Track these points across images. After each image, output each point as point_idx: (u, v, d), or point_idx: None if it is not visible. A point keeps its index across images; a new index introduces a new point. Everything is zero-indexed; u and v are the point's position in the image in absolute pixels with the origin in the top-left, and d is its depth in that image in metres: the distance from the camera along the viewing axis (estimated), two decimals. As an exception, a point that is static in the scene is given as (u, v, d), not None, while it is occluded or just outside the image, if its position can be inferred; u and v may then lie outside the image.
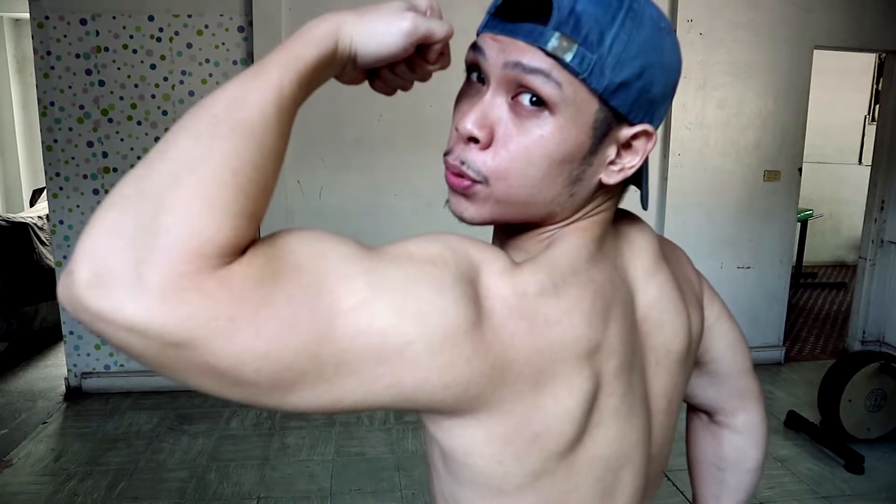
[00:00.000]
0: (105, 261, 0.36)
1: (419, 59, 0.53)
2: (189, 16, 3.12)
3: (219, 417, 3.08)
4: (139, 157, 3.19)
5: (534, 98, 0.51)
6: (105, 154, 3.19)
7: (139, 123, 3.18)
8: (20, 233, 3.93)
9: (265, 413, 3.13)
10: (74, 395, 3.31)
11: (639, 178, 0.59)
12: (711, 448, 0.87)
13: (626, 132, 0.54)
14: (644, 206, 0.62)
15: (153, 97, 3.17)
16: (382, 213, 3.38)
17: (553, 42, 0.49)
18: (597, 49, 0.49)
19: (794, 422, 3.01)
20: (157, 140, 3.08)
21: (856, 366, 2.79)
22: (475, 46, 0.54)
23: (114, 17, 3.09)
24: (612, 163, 0.55)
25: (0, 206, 5.71)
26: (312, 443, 2.85)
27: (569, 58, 0.49)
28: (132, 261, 0.36)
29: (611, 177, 0.55)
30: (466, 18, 1.50)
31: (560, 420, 0.52)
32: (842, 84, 5.93)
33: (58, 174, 3.18)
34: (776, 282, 3.79)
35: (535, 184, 0.53)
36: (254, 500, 2.42)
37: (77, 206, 3.22)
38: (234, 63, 3.17)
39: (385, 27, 0.48)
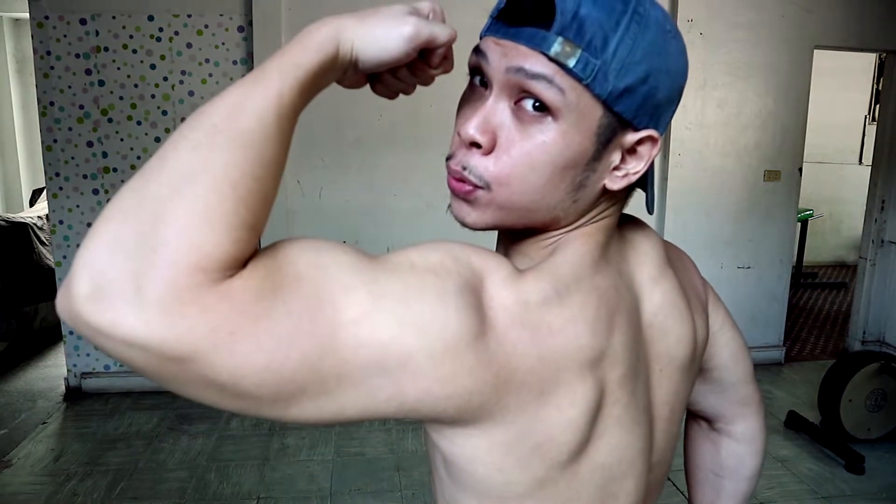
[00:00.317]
0: (104, 273, 0.36)
1: (422, 64, 0.53)
2: (189, 16, 3.12)
3: (219, 418, 3.08)
4: (139, 158, 3.19)
5: (536, 103, 0.50)
6: (105, 154, 3.19)
7: (139, 123, 3.18)
8: (20, 233, 3.93)
9: (265, 413, 3.13)
10: (74, 395, 3.31)
11: (643, 183, 0.59)
12: (710, 455, 0.87)
13: (631, 137, 0.53)
14: (650, 211, 0.61)
15: (153, 97, 3.17)
16: (382, 213, 3.38)
17: (556, 47, 0.48)
18: (600, 54, 0.48)
19: (795, 422, 3.01)
20: (158, 140, 3.08)
21: (856, 366, 2.79)
22: (478, 50, 0.53)
23: (114, 17, 3.08)
24: (617, 168, 0.54)
25: (0, 206, 5.71)
26: (312, 443, 2.85)
27: (572, 63, 0.48)
28: (132, 274, 0.36)
29: (615, 182, 0.55)
30: (469, 20, 1.50)
31: (563, 429, 0.51)
32: (842, 84, 5.92)
33: (57, 174, 3.18)
34: (776, 282, 3.79)
35: (538, 190, 0.52)
36: (254, 501, 2.42)
37: (77, 206, 3.22)
38: (234, 63, 3.17)
39: (386, 32, 0.48)
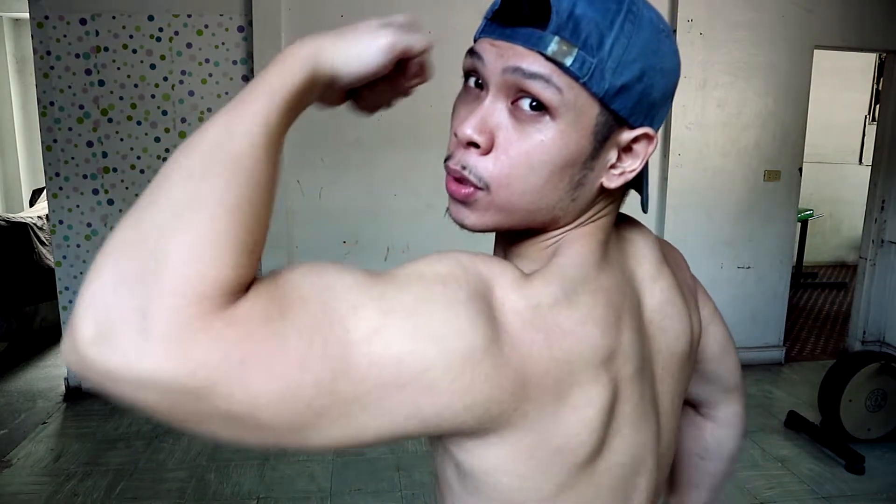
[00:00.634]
0: (108, 312, 0.35)
1: (399, 76, 0.54)
2: (189, 16, 3.12)
3: (219, 417, 3.07)
4: (139, 158, 3.19)
5: (534, 103, 0.50)
6: (105, 154, 3.19)
7: (139, 123, 3.18)
8: (20, 233, 3.93)
9: (265, 413, 3.13)
10: (74, 395, 3.31)
11: (639, 182, 0.59)
12: (695, 439, 0.90)
13: (627, 136, 0.53)
14: (644, 210, 0.62)
15: (153, 97, 3.17)
16: (382, 213, 3.38)
17: (553, 46, 0.48)
18: (596, 53, 0.49)
19: (795, 422, 3.01)
20: (157, 140, 3.07)
21: (856, 366, 2.79)
22: (473, 52, 0.53)
23: (113, 17, 3.08)
24: (613, 167, 0.55)
25: (0, 206, 5.71)
26: (312, 443, 2.85)
27: (569, 62, 0.48)
28: (136, 309, 0.35)
29: (612, 181, 0.55)
30: (462, 22, 1.50)
31: (581, 430, 0.51)
32: (842, 84, 5.92)
33: (57, 174, 3.18)
34: (776, 282, 3.79)
35: (537, 190, 0.52)
36: (253, 501, 2.42)
37: (77, 206, 3.22)
38: (234, 63, 3.17)
39: (364, 45, 0.49)
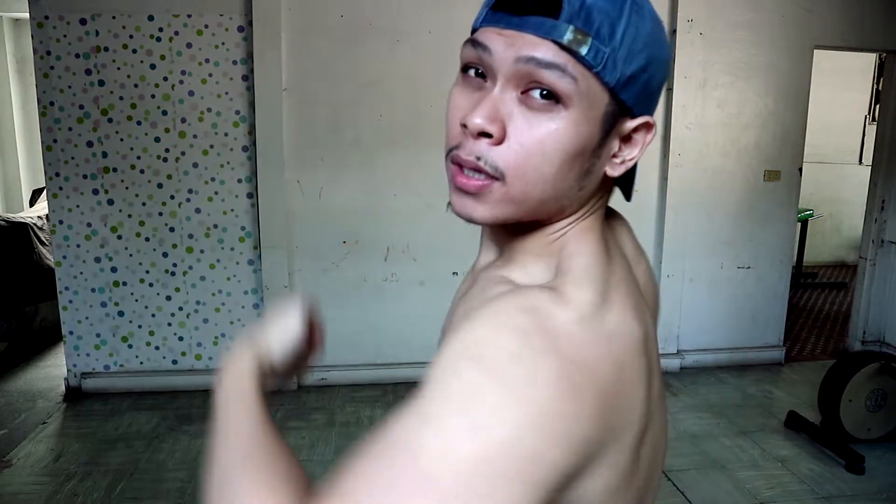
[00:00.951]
0: None
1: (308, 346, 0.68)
2: (189, 16, 3.12)
3: (219, 417, 3.07)
4: (139, 157, 3.19)
5: (545, 92, 0.50)
6: (105, 154, 3.19)
7: (139, 123, 3.18)
8: (20, 233, 3.93)
9: (265, 413, 3.13)
10: (74, 396, 3.31)
11: (624, 176, 0.60)
12: None
13: (629, 125, 0.54)
14: (628, 199, 0.63)
15: (153, 97, 3.17)
16: (382, 213, 3.38)
17: (568, 35, 0.48)
18: (609, 42, 0.49)
19: (795, 422, 3.01)
20: (157, 140, 3.07)
21: (856, 366, 2.79)
22: (476, 43, 0.52)
23: (113, 17, 3.08)
24: (615, 155, 0.55)
25: (0, 206, 5.71)
26: (312, 443, 2.85)
27: (584, 51, 0.48)
28: None
29: (615, 169, 0.55)
30: (462, 20, 1.50)
31: (636, 412, 0.51)
32: (842, 84, 5.92)
33: (57, 174, 3.18)
34: (776, 282, 3.79)
35: (550, 179, 0.52)
36: (254, 501, 2.42)
37: (77, 206, 3.22)
38: (234, 63, 3.17)
39: (284, 323, 0.65)
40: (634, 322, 0.52)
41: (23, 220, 4.02)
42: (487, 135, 0.50)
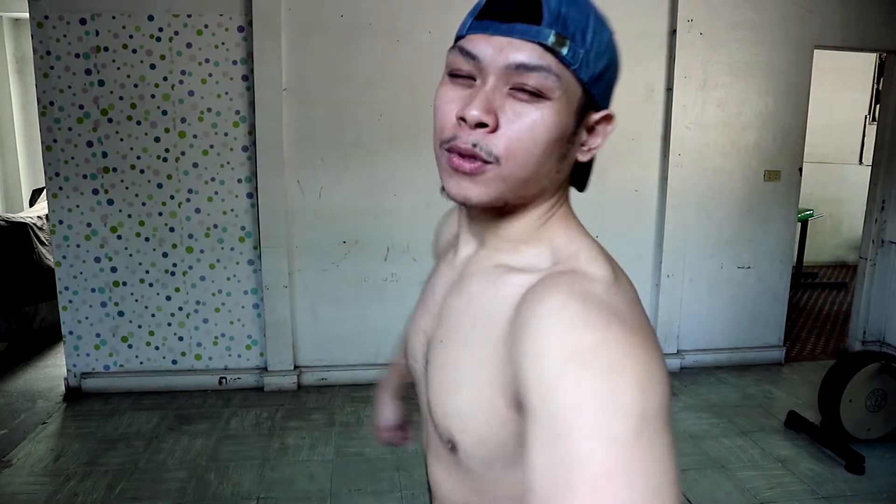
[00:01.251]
0: None
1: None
2: (189, 16, 3.12)
3: (218, 418, 3.08)
4: (139, 157, 3.19)
5: (532, 89, 0.57)
6: (105, 154, 3.19)
7: (139, 123, 3.18)
8: (20, 233, 3.93)
9: (265, 413, 3.13)
10: (74, 396, 3.31)
11: (581, 168, 0.68)
12: None
13: (595, 117, 0.62)
14: (582, 190, 0.70)
15: (153, 97, 3.17)
16: (382, 213, 3.38)
17: (551, 38, 0.56)
18: (582, 45, 0.57)
19: (795, 422, 3.01)
20: (157, 140, 3.06)
21: (856, 366, 2.78)
22: (464, 51, 0.59)
23: (113, 17, 3.08)
24: (583, 144, 0.63)
25: (0, 206, 5.71)
26: (312, 443, 2.85)
27: (565, 52, 0.56)
28: None
29: (583, 155, 0.64)
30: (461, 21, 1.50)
31: None
32: (842, 84, 5.92)
33: (57, 174, 3.18)
34: (776, 282, 3.79)
35: (538, 160, 0.59)
36: (253, 501, 2.42)
37: (77, 206, 3.22)
38: (234, 63, 3.17)
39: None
40: (630, 284, 0.60)
41: (23, 220, 4.02)
42: (483, 125, 0.57)
